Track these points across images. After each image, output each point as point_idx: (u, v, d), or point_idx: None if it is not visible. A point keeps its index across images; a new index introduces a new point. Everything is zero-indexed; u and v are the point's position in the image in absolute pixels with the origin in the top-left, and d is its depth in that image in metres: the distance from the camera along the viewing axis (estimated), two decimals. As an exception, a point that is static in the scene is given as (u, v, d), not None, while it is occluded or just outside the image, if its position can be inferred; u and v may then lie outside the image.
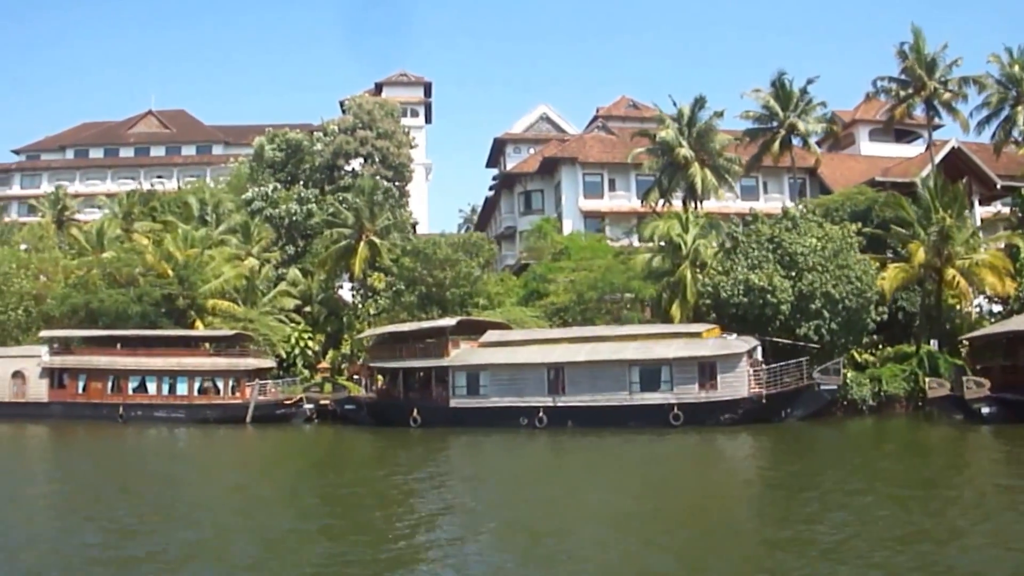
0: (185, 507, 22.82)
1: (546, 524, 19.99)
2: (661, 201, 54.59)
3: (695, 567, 16.26)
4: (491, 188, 79.43)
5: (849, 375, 43.57)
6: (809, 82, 55.61)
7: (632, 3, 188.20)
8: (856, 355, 45.85)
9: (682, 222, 48.19)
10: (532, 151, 74.10)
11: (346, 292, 62.42)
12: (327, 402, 49.52)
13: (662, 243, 48.75)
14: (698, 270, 47.29)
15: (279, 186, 62.60)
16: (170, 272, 53.86)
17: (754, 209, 51.27)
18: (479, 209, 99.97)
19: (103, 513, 21.70)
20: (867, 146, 75.17)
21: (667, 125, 52.83)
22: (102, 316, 52.56)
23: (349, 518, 21.62)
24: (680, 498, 24.10)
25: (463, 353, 44.13)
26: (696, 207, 52.67)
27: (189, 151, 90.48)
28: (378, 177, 61.96)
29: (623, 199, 65.03)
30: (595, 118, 75.37)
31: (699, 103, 53.24)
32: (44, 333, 52.17)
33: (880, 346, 47.19)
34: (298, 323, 55.62)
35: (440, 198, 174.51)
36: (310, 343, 54.54)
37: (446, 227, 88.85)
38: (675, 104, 53.60)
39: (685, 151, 51.54)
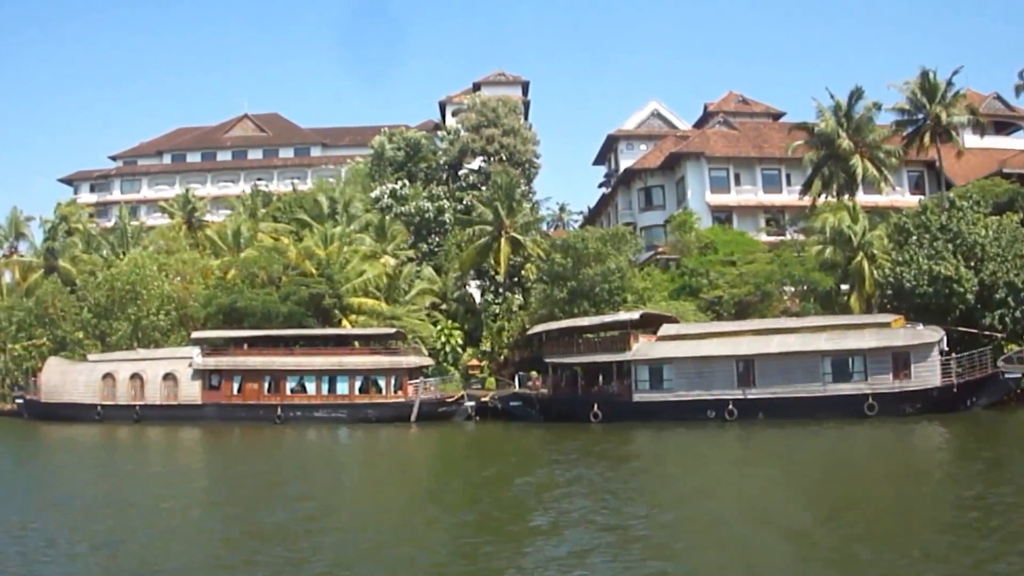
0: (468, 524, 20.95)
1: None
2: (822, 194, 53.77)
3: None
4: (601, 184, 78.95)
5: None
6: (954, 73, 54.76)
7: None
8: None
9: (851, 213, 47.47)
10: (644, 147, 73.54)
11: (472, 288, 62.03)
12: (487, 399, 48.96)
13: (826, 235, 48.10)
14: (869, 261, 46.63)
15: (407, 183, 62.23)
16: (313, 271, 53.54)
17: (923, 200, 50.43)
18: (566, 207, 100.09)
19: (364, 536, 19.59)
20: (969, 139, 74.39)
21: (826, 117, 52.01)
22: (248, 316, 52.15)
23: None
24: (917, 488, 23.66)
25: (645, 347, 43.49)
26: (853, 199, 51.84)
27: (287, 153, 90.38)
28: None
29: (749, 193, 64.40)
30: (706, 114, 74.87)
31: (855, 95, 52.51)
32: (196, 334, 51.71)
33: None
34: (439, 321, 55.17)
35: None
36: (460, 340, 53.96)
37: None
38: (832, 96, 52.90)
39: (845, 142, 50.74)
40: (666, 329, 44.33)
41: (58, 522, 21.01)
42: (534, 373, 51.42)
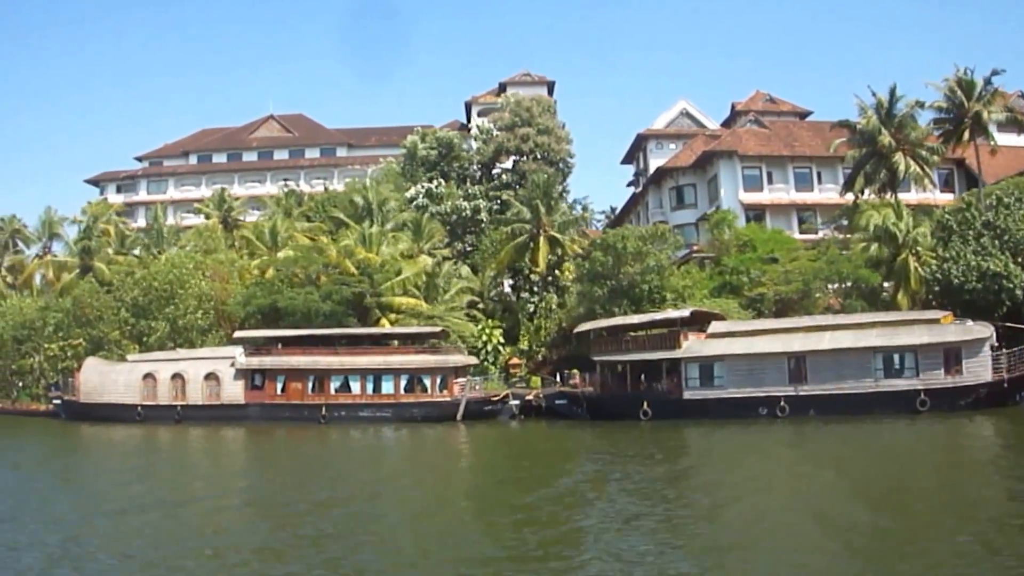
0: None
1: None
2: (865, 192, 53.82)
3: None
4: (629, 184, 79.00)
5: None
6: (993, 73, 54.74)
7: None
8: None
9: (896, 211, 47.55)
10: (673, 147, 73.68)
11: (504, 287, 62.13)
12: (531, 398, 48.98)
13: (870, 232, 48.18)
14: (914, 258, 46.74)
15: (442, 182, 62.32)
16: (354, 270, 53.57)
17: (965, 196, 50.51)
18: (588, 206, 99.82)
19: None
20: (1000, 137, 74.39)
21: (867, 115, 52.05)
22: (288, 316, 52.11)
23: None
24: (973, 483, 23.71)
25: (695, 344, 43.57)
26: (895, 196, 51.90)
27: (312, 154, 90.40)
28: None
29: (782, 191, 64.52)
30: (734, 113, 74.97)
31: (894, 93, 52.60)
32: (239, 333, 51.68)
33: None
34: (479, 319, 55.22)
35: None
36: (501, 339, 54.01)
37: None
38: (873, 94, 52.88)
39: (888, 140, 50.80)
40: (715, 326, 44.40)
41: (126, 528, 20.80)
42: (576, 371, 51.47)
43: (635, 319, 46.45)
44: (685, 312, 44.45)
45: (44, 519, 21.55)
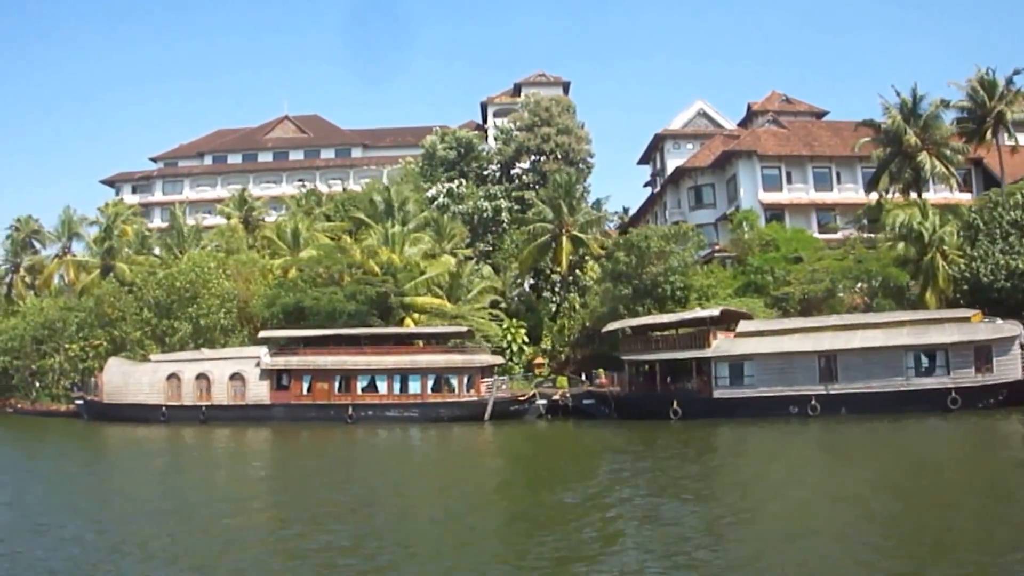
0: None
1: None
2: (889, 191, 53.92)
3: None
4: (646, 184, 79.04)
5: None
6: (1016, 73, 54.91)
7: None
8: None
9: (922, 210, 47.66)
10: (690, 147, 73.77)
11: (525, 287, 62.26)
12: (558, 397, 48.99)
13: (896, 231, 48.26)
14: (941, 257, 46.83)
15: (463, 182, 62.40)
16: (378, 270, 53.59)
17: (992, 195, 50.58)
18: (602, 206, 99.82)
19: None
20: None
21: (892, 114, 52.14)
22: (312, 316, 52.08)
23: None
24: (1010, 480, 23.61)
25: (725, 343, 43.60)
26: (920, 196, 52.00)
27: (328, 154, 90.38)
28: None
29: (801, 191, 64.55)
30: (750, 113, 75.04)
31: (918, 93, 52.79)
32: (264, 333, 51.57)
33: None
34: (502, 319, 55.27)
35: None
36: (526, 339, 54.06)
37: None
38: (898, 94, 52.99)
39: (913, 139, 50.89)
40: (744, 325, 44.44)
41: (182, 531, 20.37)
42: (601, 371, 51.53)
43: (665, 318, 46.48)
44: (715, 311, 44.48)
45: (89, 520, 21.46)
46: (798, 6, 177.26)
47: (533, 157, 64.49)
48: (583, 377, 52.19)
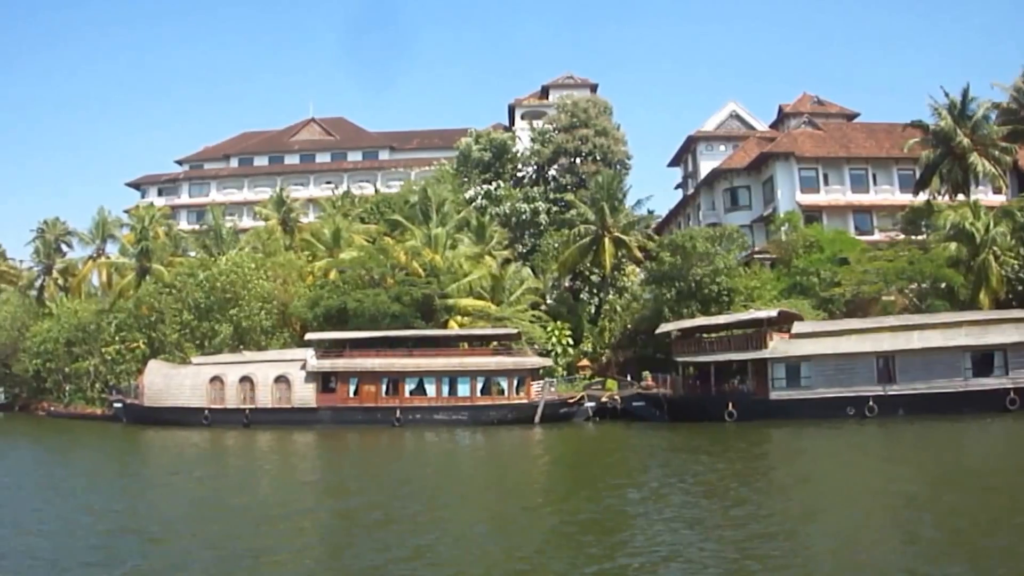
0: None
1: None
2: (941, 192, 53.79)
3: None
4: (678, 186, 78.90)
5: None
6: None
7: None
8: None
9: (973, 211, 47.57)
10: (723, 148, 73.68)
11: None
12: (606, 399, 48.75)
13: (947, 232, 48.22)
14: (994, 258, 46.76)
15: (500, 184, 62.29)
16: (421, 271, 53.39)
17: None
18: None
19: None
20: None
21: (942, 115, 52.02)
22: (357, 317, 51.75)
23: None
24: None
25: (781, 344, 43.44)
26: (969, 196, 51.89)
27: (355, 157, 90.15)
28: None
29: (838, 193, 64.36)
30: (782, 115, 74.91)
31: (967, 94, 52.61)
32: (310, 336, 51.16)
33: None
34: (545, 321, 55.04)
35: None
36: (571, 340, 53.87)
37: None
38: (947, 95, 52.87)
39: (964, 140, 50.77)
40: (800, 326, 44.32)
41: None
42: (647, 373, 51.32)
43: (721, 319, 46.37)
44: (773, 312, 44.31)
45: (157, 523, 21.23)
46: (827, 6, 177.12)
47: (571, 158, 64.35)
48: (629, 378, 51.94)
